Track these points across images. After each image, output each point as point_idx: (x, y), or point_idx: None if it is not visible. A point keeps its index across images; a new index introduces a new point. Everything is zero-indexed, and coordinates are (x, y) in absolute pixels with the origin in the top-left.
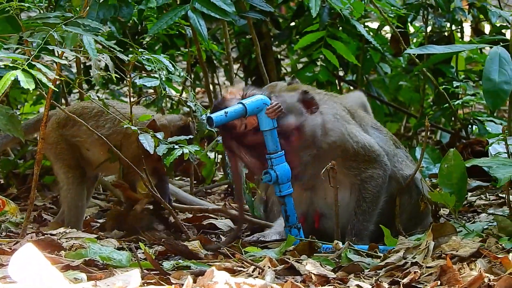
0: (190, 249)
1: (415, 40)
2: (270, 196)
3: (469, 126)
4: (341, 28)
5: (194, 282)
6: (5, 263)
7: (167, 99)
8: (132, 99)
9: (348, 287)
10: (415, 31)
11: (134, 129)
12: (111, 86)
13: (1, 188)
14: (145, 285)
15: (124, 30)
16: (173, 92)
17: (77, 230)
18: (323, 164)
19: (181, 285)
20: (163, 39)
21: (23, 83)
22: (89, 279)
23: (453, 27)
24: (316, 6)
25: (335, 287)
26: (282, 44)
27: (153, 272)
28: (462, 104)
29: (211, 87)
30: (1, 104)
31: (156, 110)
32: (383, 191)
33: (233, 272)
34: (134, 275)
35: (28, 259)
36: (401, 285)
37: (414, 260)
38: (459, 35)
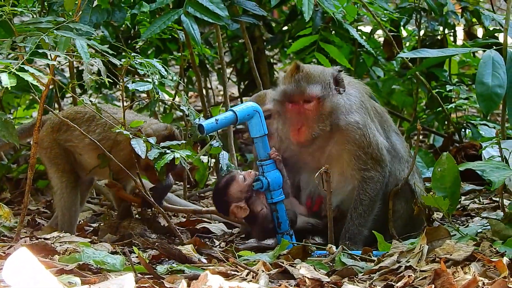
0: (184, 253)
1: (408, 44)
2: None
3: (463, 130)
4: (334, 32)
5: (188, 286)
6: None
7: (160, 103)
8: (125, 104)
9: None
10: (408, 35)
11: (126, 133)
12: (104, 90)
13: None
14: None
15: (117, 34)
16: (166, 96)
17: (70, 234)
18: (334, 146)
19: None
20: (156, 43)
21: (5, 82)
22: (83, 283)
23: (446, 31)
24: (309, 10)
25: None
26: (275, 48)
27: (147, 276)
28: (455, 108)
29: (204, 91)
30: None
31: (149, 114)
32: (380, 196)
33: (227, 276)
34: (128, 279)
35: (22, 263)
36: None
37: (408, 264)
38: (452, 38)
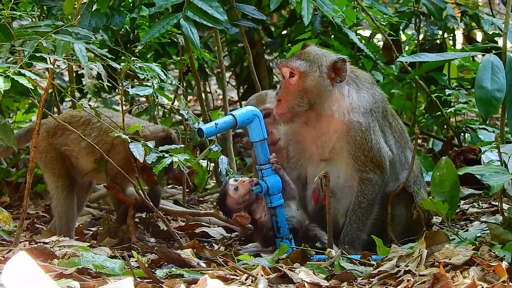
0: (183, 257)
1: (407, 48)
2: None
3: (462, 134)
4: (333, 36)
5: None
6: None
7: (159, 107)
8: (124, 108)
9: None
10: (407, 39)
11: (125, 137)
12: (103, 94)
13: None
14: None
15: (116, 38)
16: (165, 101)
17: (69, 238)
18: (337, 142)
19: None
20: (155, 48)
21: None
22: (82, 287)
23: (445, 35)
24: (308, 14)
25: None
26: (274, 52)
27: (146, 280)
28: (455, 112)
29: (203, 95)
30: None
31: (148, 118)
32: (378, 200)
33: (226, 281)
34: (127, 283)
35: (21, 267)
36: None
37: (407, 268)
38: (451, 43)
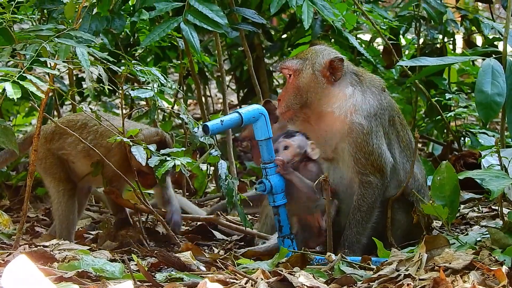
0: (182, 260)
1: (407, 52)
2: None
3: (462, 138)
4: (333, 40)
5: None
6: None
7: (159, 111)
8: (124, 111)
9: None
10: (407, 43)
11: (127, 141)
12: (103, 98)
13: None
14: None
15: (116, 42)
16: (165, 104)
17: (69, 241)
18: (340, 143)
19: None
20: (156, 51)
21: (10, 93)
22: None
23: (446, 39)
24: (309, 18)
25: None
26: (274, 56)
27: (146, 284)
28: (455, 116)
29: (203, 99)
30: None
31: (148, 122)
32: (378, 204)
33: (226, 284)
34: (127, 286)
35: (21, 270)
36: None
37: (407, 272)
38: (451, 47)
